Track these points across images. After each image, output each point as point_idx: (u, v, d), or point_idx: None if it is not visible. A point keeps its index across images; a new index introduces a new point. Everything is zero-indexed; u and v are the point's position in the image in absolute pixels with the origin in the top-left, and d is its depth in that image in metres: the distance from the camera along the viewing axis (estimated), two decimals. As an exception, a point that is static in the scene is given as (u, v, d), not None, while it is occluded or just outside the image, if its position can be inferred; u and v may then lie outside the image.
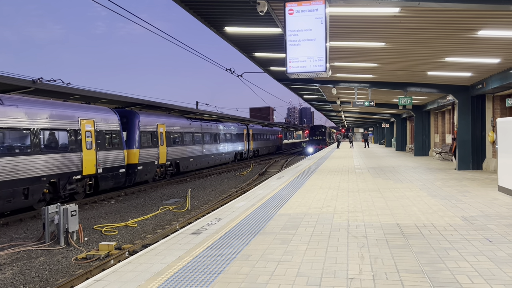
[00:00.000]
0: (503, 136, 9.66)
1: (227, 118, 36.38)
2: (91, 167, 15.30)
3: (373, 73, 15.01)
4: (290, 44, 6.91)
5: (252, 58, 14.30)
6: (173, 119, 22.97)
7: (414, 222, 6.66)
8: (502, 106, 15.20)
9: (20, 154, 12.16)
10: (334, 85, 17.97)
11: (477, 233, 5.87)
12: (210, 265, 4.65)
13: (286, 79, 18.24)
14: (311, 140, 52.42)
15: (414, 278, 4.11)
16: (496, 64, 11.49)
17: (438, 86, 16.67)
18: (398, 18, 7.74)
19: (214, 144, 29.96)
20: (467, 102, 15.85)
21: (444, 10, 7.13)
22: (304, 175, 14.89)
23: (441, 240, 5.52)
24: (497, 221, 6.63)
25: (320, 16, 6.65)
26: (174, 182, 21.41)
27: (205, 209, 13.81)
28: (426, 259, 4.70)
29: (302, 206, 8.29)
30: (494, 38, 8.82)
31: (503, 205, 8.05)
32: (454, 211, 7.47)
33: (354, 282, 4.01)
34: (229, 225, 6.75)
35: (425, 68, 13.32)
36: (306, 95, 28.21)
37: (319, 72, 6.90)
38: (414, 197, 9.15)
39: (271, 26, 9.50)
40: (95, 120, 15.75)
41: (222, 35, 10.85)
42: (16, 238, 10.21)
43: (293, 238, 5.78)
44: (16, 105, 12.31)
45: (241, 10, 8.67)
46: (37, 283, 7.25)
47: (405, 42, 9.89)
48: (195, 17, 9.16)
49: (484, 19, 7.62)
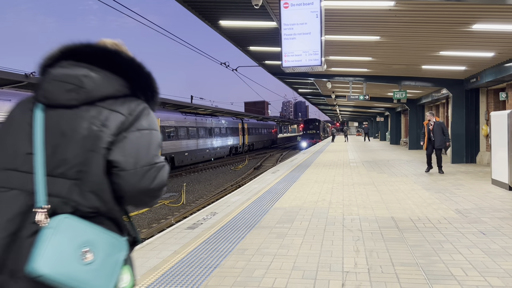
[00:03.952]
0: (497, 129, 9.72)
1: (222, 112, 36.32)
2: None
3: (368, 67, 15.02)
4: (285, 38, 6.88)
5: (247, 52, 14.24)
6: (167, 113, 22.89)
7: (409, 215, 6.70)
8: (495, 99, 15.28)
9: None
10: (329, 79, 17.97)
11: (471, 226, 5.91)
12: (206, 260, 4.65)
13: (281, 73, 18.20)
14: (305, 134, 52.00)
15: (409, 271, 4.14)
16: (490, 57, 11.54)
17: (432, 80, 16.71)
18: (393, 11, 7.73)
19: (209, 138, 29.92)
20: (461, 96, 15.91)
21: (439, 4, 7.13)
22: (299, 169, 14.92)
23: (436, 233, 5.55)
24: (490, 214, 6.69)
25: (315, 10, 6.63)
26: (169, 176, 21.25)
27: (200, 203, 13.82)
28: (420, 252, 4.74)
29: (297, 200, 8.31)
30: (489, 32, 8.84)
31: (497, 198, 8.12)
32: (448, 204, 7.52)
33: (350, 275, 4.03)
34: (225, 219, 6.75)
35: (420, 62, 13.35)
36: (301, 89, 28.20)
37: (315, 66, 6.89)
38: (409, 191, 9.20)
39: (266, 20, 9.46)
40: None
41: (217, 29, 10.79)
42: None
43: (288, 232, 5.80)
44: (9, 100, 12.21)
45: (236, 3, 8.62)
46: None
47: (400, 36, 9.89)
48: (189, 11, 9.09)
49: (479, 13, 7.63)
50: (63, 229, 1.26)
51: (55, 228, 1.26)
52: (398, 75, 16.87)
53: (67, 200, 1.32)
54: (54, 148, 1.35)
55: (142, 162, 1.37)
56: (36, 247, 1.23)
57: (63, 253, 1.24)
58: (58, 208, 1.31)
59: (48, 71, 1.46)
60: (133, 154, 1.37)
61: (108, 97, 1.42)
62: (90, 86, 1.40)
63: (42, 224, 1.27)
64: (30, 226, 1.28)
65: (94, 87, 1.41)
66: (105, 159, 1.35)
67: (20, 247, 1.27)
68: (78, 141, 1.35)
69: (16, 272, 1.26)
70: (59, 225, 1.27)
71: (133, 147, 1.37)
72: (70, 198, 1.32)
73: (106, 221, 1.38)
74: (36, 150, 1.35)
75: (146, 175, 1.37)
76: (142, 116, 1.43)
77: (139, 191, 1.38)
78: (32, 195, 1.31)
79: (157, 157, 1.43)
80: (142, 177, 1.37)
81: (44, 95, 1.43)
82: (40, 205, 1.29)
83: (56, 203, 1.31)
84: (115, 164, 1.36)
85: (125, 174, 1.36)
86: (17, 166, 1.36)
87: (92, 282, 1.26)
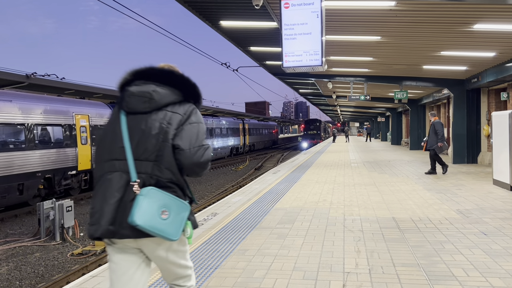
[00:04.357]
0: (498, 129, 9.70)
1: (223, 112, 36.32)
2: (86, 162, 15.24)
3: (369, 67, 15.00)
4: (286, 38, 6.87)
5: (247, 52, 14.23)
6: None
7: (410, 215, 6.69)
8: (497, 99, 15.25)
9: (15, 150, 12.08)
10: (329, 79, 17.95)
11: (472, 227, 5.90)
12: (207, 260, 4.64)
13: (282, 73, 18.19)
14: (306, 134, 51.76)
15: (410, 271, 4.13)
16: (492, 57, 11.52)
17: (433, 80, 16.69)
18: (394, 11, 7.72)
19: (209, 138, 29.93)
20: (462, 96, 15.89)
21: (440, 4, 7.11)
22: (300, 169, 14.91)
23: (437, 234, 5.54)
24: (492, 214, 6.67)
25: (316, 10, 6.61)
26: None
27: (201, 204, 13.81)
28: (422, 253, 4.72)
29: (298, 201, 8.30)
30: (490, 31, 8.82)
31: (498, 198, 8.10)
32: (449, 205, 7.50)
33: (351, 276, 4.02)
34: (226, 220, 6.75)
35: (421, 62, 13.33)
36: (301, 89, 28.18)
37: (315, 66, 6.87)
38: (410, 191, 9.18)
39: (266, 20, 9.45)
40: (90, 115, 15.66)
41: (218, 29, 10.78)
42: (11, 234, 10.17)
43: (289, 233, 5.79)
44: (10, 100, 12.21)
45: (236, 3, 8.61)
46: (32, 279, 7.23)
47: (401, 36, 9.87)
48: (190, 11, 9.09)
49: (480, 13, 7.61)
50: (150, 196, 1.93)
51: (145, 195, 1.92)
52: (399, 75, 16.85)
53: (151, 175, 2.00)
54: (138, 141, 2.03)
55: (194, 144, 2.04)
56: (133, 207, 1.90)
57: (150, 212, 1.90)
58: (146, 181, 1.99)
59: (126, 89, 2.14)
60: (188, 139, 2.04)
61: (170, 103, 2.10)
62: (157, 98, 2.09)
63: (136, 192, 1.93)
64: (129, 194, 1.96)
65: (160, 98, 2.09)
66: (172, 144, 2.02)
67: (124, 207, 1.95)
68: (154, 136, 2.03)
69: (122, 223, 1.94)
70: (147, 193, 1.93)
71: (187, 135, 2.05)
72: (153, 174, 2.00)
73: (176, 188, 2.05)
74: (125, 144, 2.03)
75: (197, 153, 2.04)
76: (192, 114, 2.12)
77: (193, 164, 2.04)
78: (128, 174, 1.99)
79: (204, 141, 2.10)
80: (194, 154, 2.03)
81: (127, 106, 2.11)
82: (133, 180, 1.97)
83: (144, 178, 1.99)
84: (176, 147, 2.03)
85: (183, 152, 2.03)
86: (116, 157, 2.04)
87: (167, 231, 1.94)
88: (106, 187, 2.01)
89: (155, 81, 2.13)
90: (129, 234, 1.95)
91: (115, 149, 2.05)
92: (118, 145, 2.05)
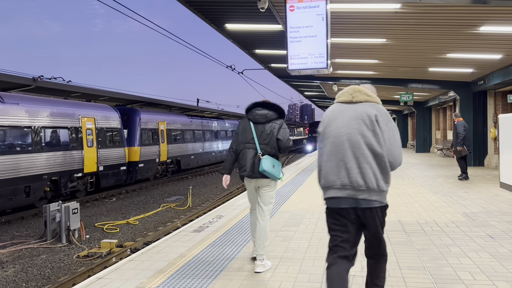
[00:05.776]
0: (505, 132, 9.63)
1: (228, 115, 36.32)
2: (92, 164, 15.30)
3: (374, 69, 14.97)
4: (291, 41, 6.87)
5: (252, 55, 14.26)
6: (174, 117, 22.92)
7: (416, 218, 6.65)
8: (503, 102, 15.15)
9: (21, 152, 12.16)
10: (335, 82, 17.93)
11: (479, 230, 5.86)
12: (212, 263, 4.64)
13: (287, 76, 18.18)
14: (311, 137, 51.58)
15: (416, 274, 4.11)
16: (498, 60, 11.45)
17: (439, 82, 16.61)
18: (399, 14, 7.71)
19: (215, 141, 29.94)
20: (469, 98, 15.81)
21: (446, 6, 7.09)
22: (306, 172, 14.89)
23: (443, 237, 5.51)
24: (499, 217, 6.62)
25: (321, 13, 6.62)
26: (175, 180, 21.43)
27: (206, 206, 13.82)
28: (428, 256, 4.70)
29: (303, 203, 8.28)
30: (496, 34, 8.78)
31: (505, 201, 8.04)
32: (455, 208, 7.46)
33: (356, 279, 4.01)
34: (231, 222, 6.75)
35: (427, 64, 13.28)
36: (307, 92, 28.16)
37: (321, 68, 6.87)
38: (416, 194, 9.14)
39: (272, 23, 9.46)
40: (96, 118, 15.74)
41: (223, 32, 10.81)
42: (17, 236, 10.23)
43: (294, 236, 5.78)
44: (17, 103, 12.30)
45: (241, 6, 8.63)
46: (39, 281, 7.26)
47: (406, 38, 9.85)
48: (195, 14, 9.12)
49: (486, 15, 7.58)
50: (266, 159, 4.26)
51: (265, 158, 4.25)
52: (405, 78, 16.80)
53: (265, 150, 4.35)
54: (259, 135, 4.39)
55: (286, 138, 4.42)
56: (261, 163, 4.22)
57: (268, 165, 4.22)
58: (265, 152, 4.33)
59: (252, 111, 4.51)
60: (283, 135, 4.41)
61: (273, 119, 4.45)
62: (269, 116, 4.45)
63: (261, 157, 4.27)
64: (257, 158, 4.31)
65: (270, 116, 4.45)
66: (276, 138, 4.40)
67: (256, 164, 4.30)
68: (268, 133, 4.38)
69: (254, 170, 4.32)
70: (266, 158, 4.26)
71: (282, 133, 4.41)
72: (266, 150, 4.35)
73: (276, 156, 4.40)
74: (255, 136, 4.39)
75: (288, 142, 4.42)
76: (283, 124, 4.48)
77: (285, 147, 4.45)
78: (256, 150, 4.34)
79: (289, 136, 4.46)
80: (286, 142, 4.41)
81: (254, 119, 4.46)
82: (259, 152, 4.32)
83: (264, 151, 4.33)
84: (278, 139, 4.39)
85: (281, 142, 4.40)
86: (249, 142, 4.40)
87: (275, 174, 4.28)
88: (246, 155, 4.36)
89: (265, 108, 4.48)
90: (257, 176, 4.30)
91: (249, 139, 4.40)
92: (250, 136, 4.41)
